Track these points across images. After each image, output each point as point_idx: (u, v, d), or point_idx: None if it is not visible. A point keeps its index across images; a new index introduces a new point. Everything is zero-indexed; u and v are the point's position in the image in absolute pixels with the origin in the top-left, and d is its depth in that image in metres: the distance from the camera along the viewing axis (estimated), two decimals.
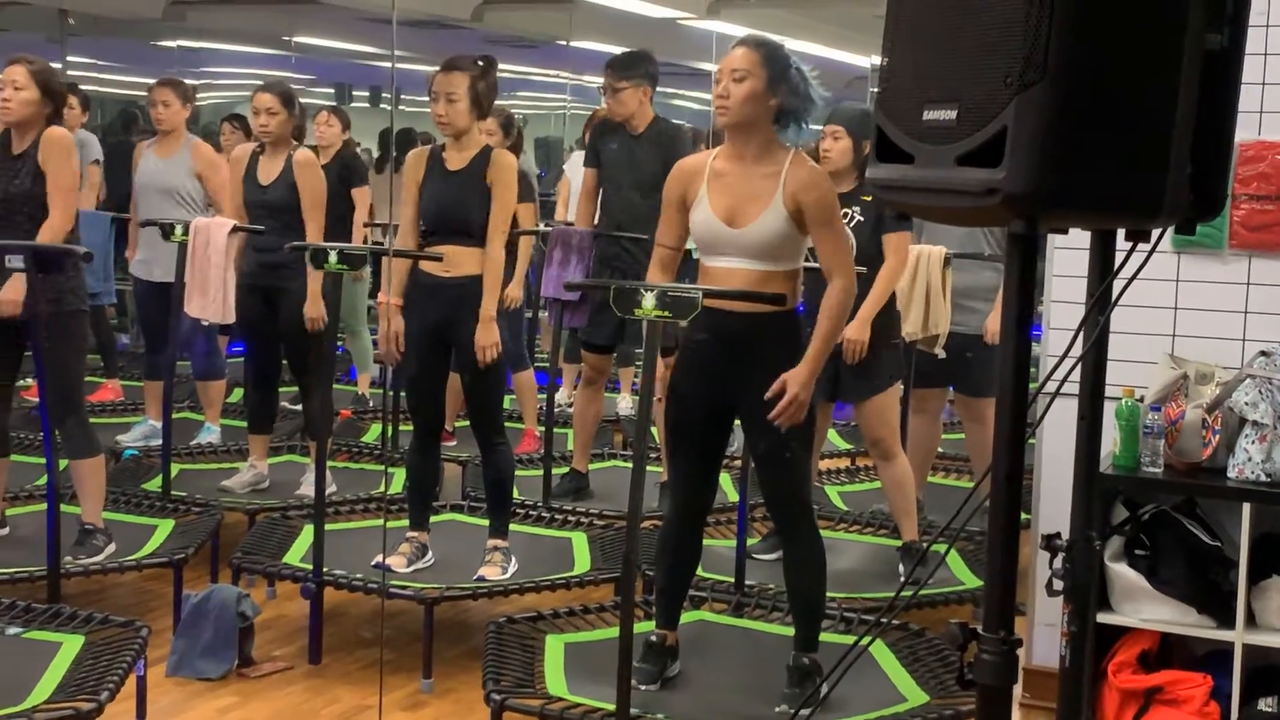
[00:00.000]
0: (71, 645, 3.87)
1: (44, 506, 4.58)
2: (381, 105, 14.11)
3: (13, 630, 3.99)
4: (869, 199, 4.71)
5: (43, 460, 5.42)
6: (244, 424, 6.13)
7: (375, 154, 10.69)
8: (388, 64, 13.63)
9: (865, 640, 3.02)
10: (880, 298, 4.72)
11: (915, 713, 3.68)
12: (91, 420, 4.94)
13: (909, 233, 4.81)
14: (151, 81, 6.46)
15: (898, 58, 2.05)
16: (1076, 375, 2.28)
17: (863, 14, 10.02)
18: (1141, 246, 2.08)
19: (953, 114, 1.90)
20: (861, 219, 4.73)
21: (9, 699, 3.50)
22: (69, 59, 10.89)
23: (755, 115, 3.61)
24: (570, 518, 5.35)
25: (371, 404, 7.59)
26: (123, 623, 3.99)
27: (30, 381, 6.45)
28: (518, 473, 5.01)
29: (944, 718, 3.61)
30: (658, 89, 5.68)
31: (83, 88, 7.87)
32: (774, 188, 3.61)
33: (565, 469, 5.93)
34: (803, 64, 3.67)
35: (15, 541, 4.85)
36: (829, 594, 3.96)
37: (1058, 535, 2.46)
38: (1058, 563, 2.46)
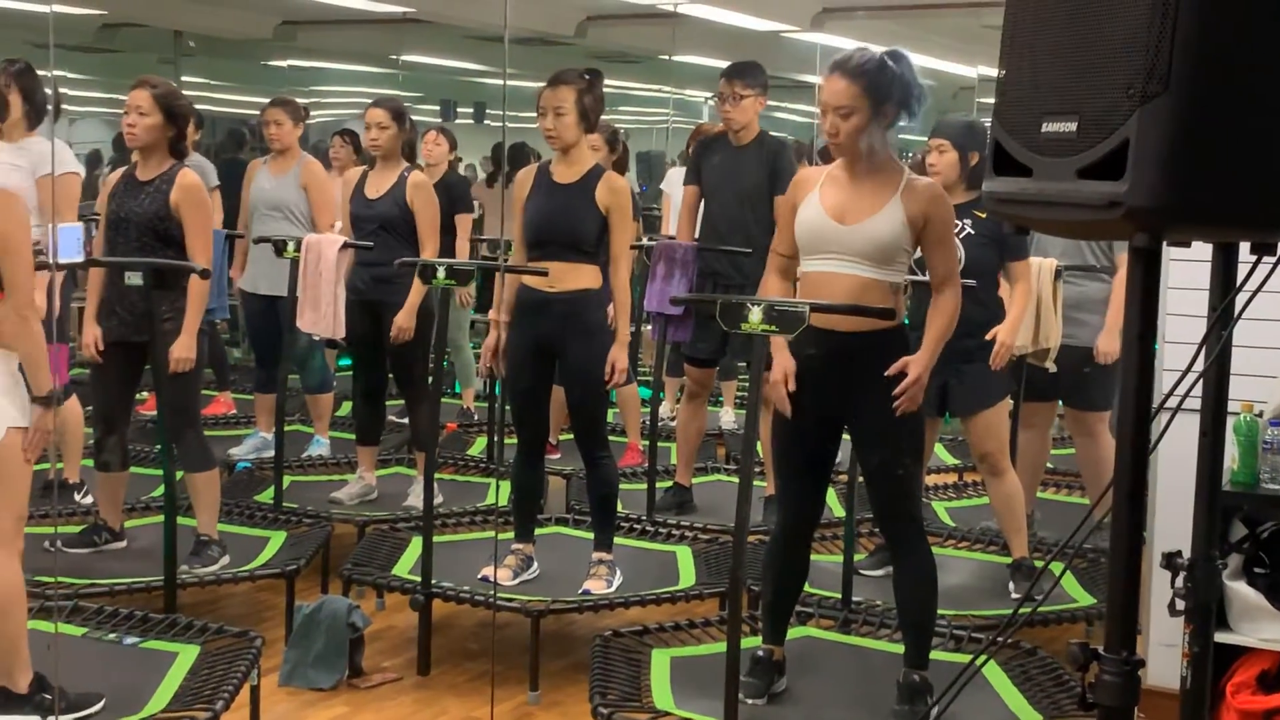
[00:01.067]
0: (187, 655, 3.95)
1: (161, 518, 4.68)
2: (486, 121, 14.26)
3: (130, 640, 4.07)
4: (982, 215, 4.66)
5: (159, 472, 5.55)
6: (352, 436, 6.22)
7: (480, 170, 10.80)
8: (491, 80, 13.81)
9: (980, 660, 2.98)
10: (1023, 308, 4.72)
11: None
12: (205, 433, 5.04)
13: (1029, 260, 4.78)
14: (264, 100, 6.59)
15: (1015, 69, 2.03)
16: (1196, 390, 2.24)
17: (969, 24, 9.91)
18: (1266, 259, 2.04)
19: (1073, 126, 1.88)
20: (972, 232, 4.69)
21: (127, 708, 3.58)
22: (183, 79, 11.14)
23: (868, 143, 3.60)
24: (674, 531, 5.34)
25: (476, 417, 7.65)
26: (237, 633, 4.07)
27: (146, 395, 6.61)
28: (621, 486, 5.02)
29: None
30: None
31: (196, 107, 8.02)
32: (891, 192, 3.60)
33: (669, 483, 5.93)
34: (901, 58, 3.61)
35: (133, 553, 4.95)
36: (938, 611, 3.92)
37: (1178, 554, 2.41)
38: (1179, 582, 2.42)
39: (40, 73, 5.16)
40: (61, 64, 8.04)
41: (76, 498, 5.48)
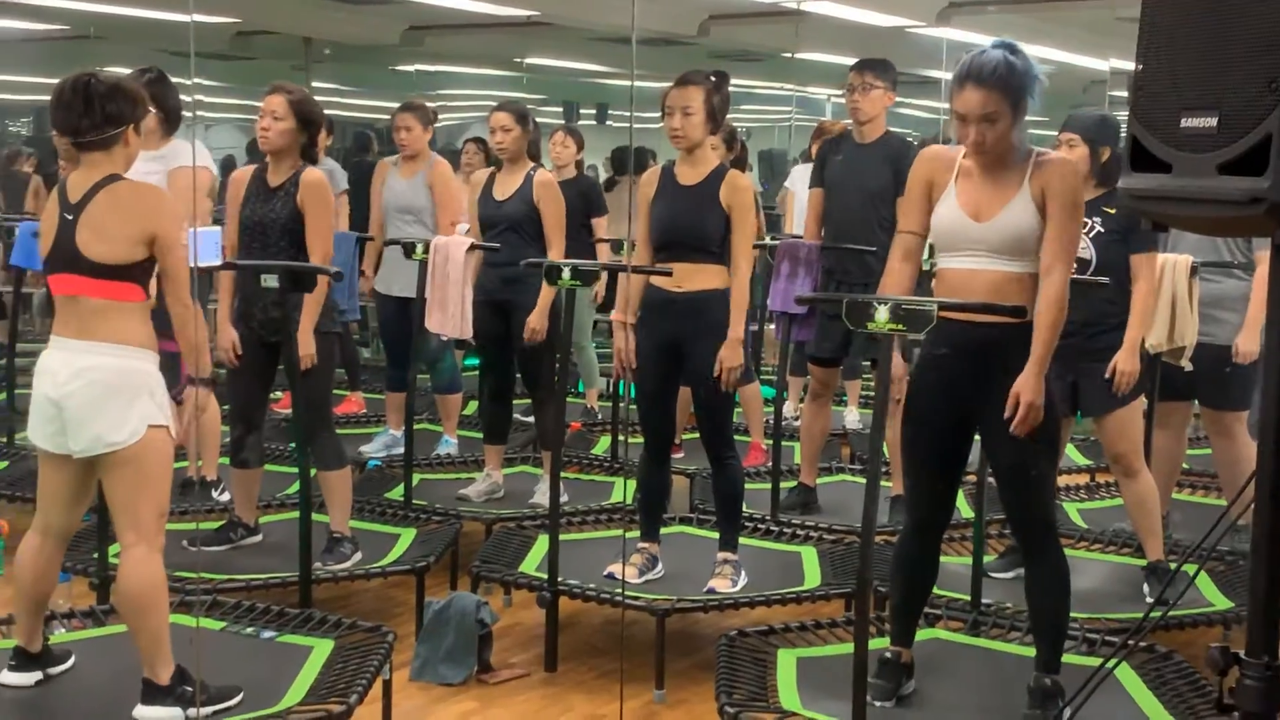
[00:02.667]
0: (322, 649, 4.03)
1: (294, 515, 4.79)
2: (608, 123, 14.34)
3: (267, 634, 4.16)
4: (1112, 210, 4.58)
5: (292, 470, 5.68)
6: (479, 435, 6.30)
7: (602, 172, 10.85)
8: (613, 82, 13.88)
9: (1111, 663, 2.93)
10: (1141, 322, 4.62)
11: None
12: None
13: (1156, 253, 4.69)
14: (391, 105, 6.70)
15: (1153, 64, 2.00)
16: None
17: (1100, 16, 9.71)
18: None
19: (1213, 121, 1.85)
20: (1101, 230, 4.60)
21: (265, 700, 3.66)
22: (314, 84, 11.38)
23: (1010, 143, 3.57)
24: (799, 531, 5.32)
25: (600, 416, 7.70)
26: (369, 628, 4.14)
27: (279, 394, 6.76)
28: (745, 486, 5.01)
29: None
30: None
31: (326, 112, 8.17)
32: (1020, 181, 3.56)
33: (793, 482, 5.91)
34: (1017, 50, 3.56)
35: (268, 548, 5.07)
36: (1070, 614, 3.84)
37: None
38: None
39: (177, 80, 5.29)
40: (197, 71, 8.26)
41: (214, 495, 5.62)
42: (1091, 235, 4.60)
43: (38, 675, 3.74)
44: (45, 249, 3.61)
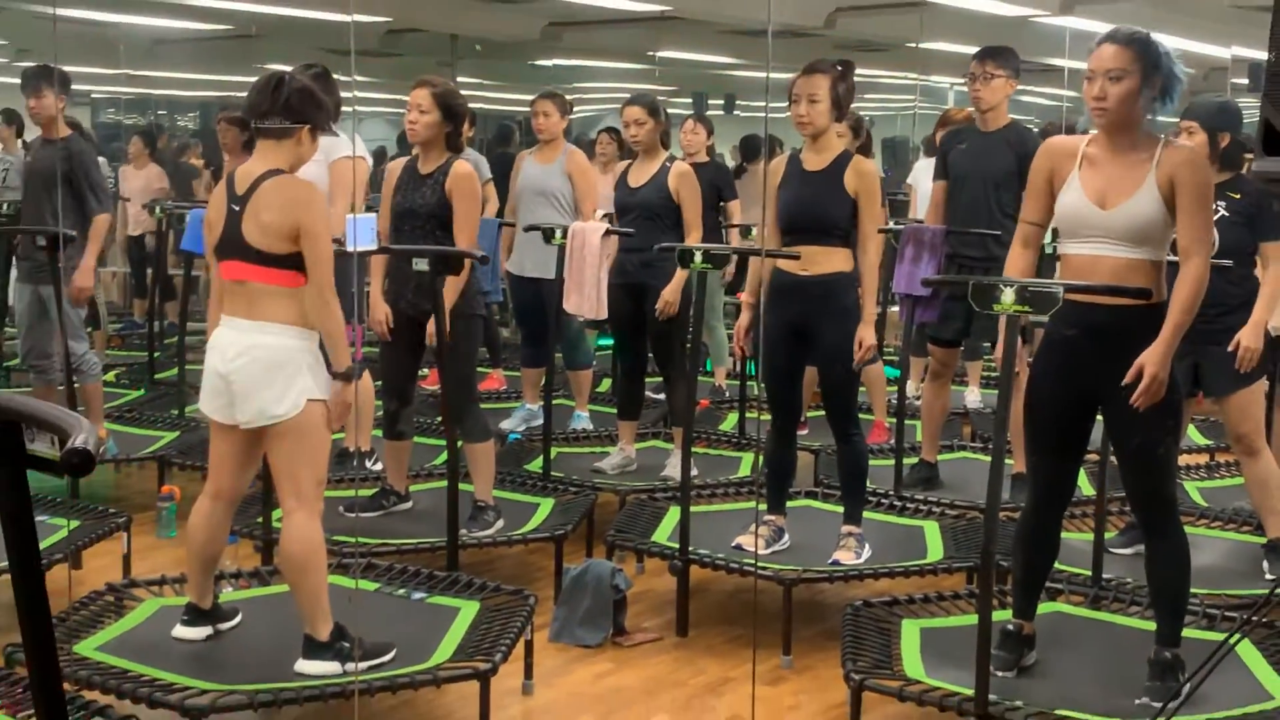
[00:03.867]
0: (468, 610, 4.25)
1: (441, 484, 5.03)
2: (735, 113, 14.47)
3: (418, 595, 4.40)
4: (1237, 195, 4.63)
5: (439, 442, 5.92)
6: (613, 411, 6.50)
7: (730, 160, 11.00)
8: (740, 73, 13.97)
9: (1234, 639, 2.98)
10: (1270, 305, 4.65)
11: None
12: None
13: None
14: (530, 98, 6.93)
15: None
16: None
17: (1222, 3, 9.61)
18: None
19: None
20: (1226, 213, 4.65)
21: (416, 657, 3.88)
22: (459, 79, 11.69)
23: (1133, 112, 3.59)
24: (922, 507, 5.44)
25: (728, 394, 7.86)
26: (512, 591, 4.35)
27: (426, 371, 7.02)
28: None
29: None
30: None
31: (470, 105, 8.42)
32: (1147, 169, 3.57)
33: (915, 459, 6.03)
34: (1159, 42, 3.63)
35: (418, 515, 5.32)
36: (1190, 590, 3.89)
37: None
38: None
39: (334, 76, 5.55)
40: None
41: (368, 465, 5.90)
42: (1215, 218, 4.64)
43: (208, 630, 3.99)
44: (213, 238, 3.83)
